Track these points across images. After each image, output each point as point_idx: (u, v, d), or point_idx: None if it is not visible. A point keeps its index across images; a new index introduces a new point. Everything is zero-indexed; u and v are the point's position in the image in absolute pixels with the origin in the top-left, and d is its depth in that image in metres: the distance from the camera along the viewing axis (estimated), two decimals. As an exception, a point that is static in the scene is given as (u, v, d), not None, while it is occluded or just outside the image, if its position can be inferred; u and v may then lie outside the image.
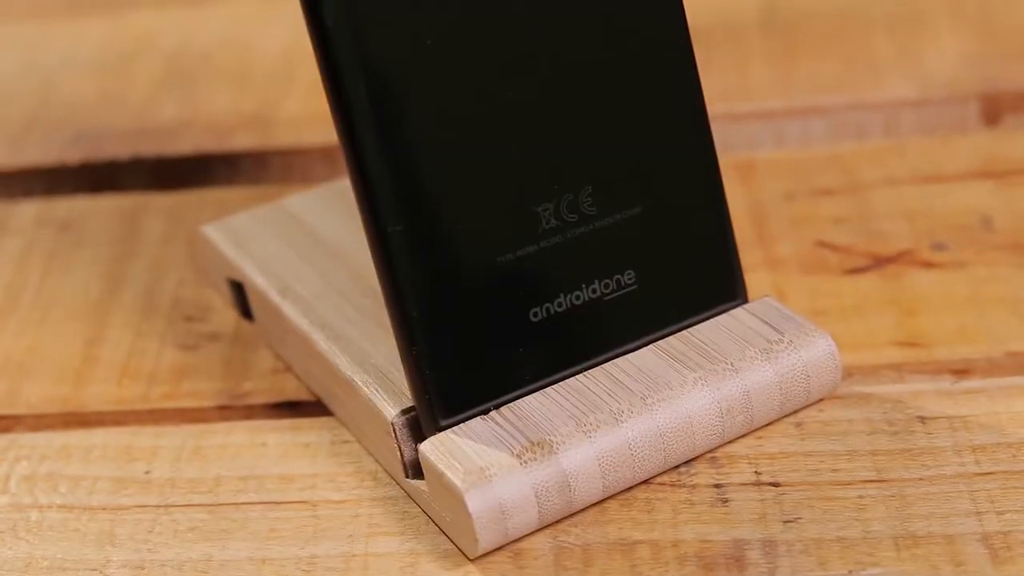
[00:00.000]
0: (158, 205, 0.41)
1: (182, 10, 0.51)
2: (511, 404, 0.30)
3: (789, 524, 0.29)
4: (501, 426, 0.29)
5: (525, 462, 0.29)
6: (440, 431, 0.29)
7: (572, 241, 0.30)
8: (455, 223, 0.29)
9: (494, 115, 0.29)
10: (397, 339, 0.29)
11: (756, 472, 0.30)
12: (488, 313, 0.30)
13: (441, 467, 0.29)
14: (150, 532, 0.31)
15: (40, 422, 0.34)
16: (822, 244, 0.37)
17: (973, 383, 0.32)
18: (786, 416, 0.31)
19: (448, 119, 0.29)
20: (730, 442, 0.31)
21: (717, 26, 0.46)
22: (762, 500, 0.30)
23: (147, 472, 0.32)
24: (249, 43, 0.48)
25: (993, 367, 0.33)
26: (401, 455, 0.30)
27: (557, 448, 0.29)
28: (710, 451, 0.31)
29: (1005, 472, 0.30)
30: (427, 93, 0.29)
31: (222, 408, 0.34)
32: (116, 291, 0.38)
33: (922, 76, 0.43)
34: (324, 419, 0.33)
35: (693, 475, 0.30)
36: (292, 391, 0.34)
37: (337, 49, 0.28)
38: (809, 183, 0.39)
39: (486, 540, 0.28)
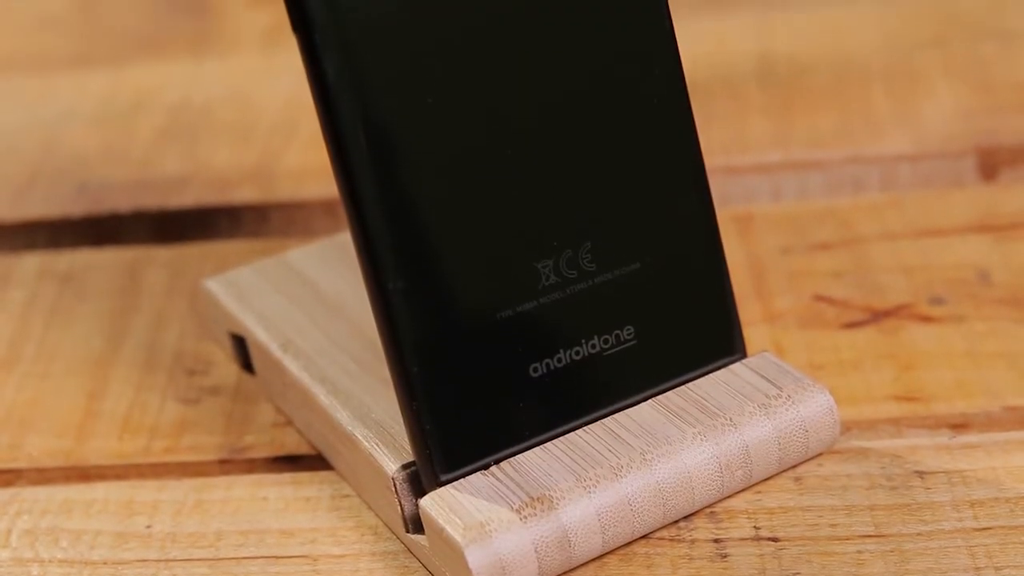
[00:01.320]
0: (160, 258, 0.41)
1: (184, 63, 0.51)
2: (511, 459, 0.30)
3: (788, 580, 0.29)
4: (501, 481, 0.29)
5: (525, 517, 0.29)
6: (440, 486, 0.29)
7: (572, 297, 0.31)
8: (456, 280, 0.29)
9: (494, 172, 0.30)
10: (398, 394, 0.29)
11: (755, 527, 0.30)
12: (488, 368, 0.30)
13: (441, 522, 0.29)
14: (151, 587, 0.31)
15: (42, 476, 0.34)
16: (820, 298, 0.37)
17: (971, 438, 0.32)
18: (785, 471, 0.32)
19: (449, 176, 0.29)
20: (729, 497, 0.31)
21: (716, 80, 0.46)
22: (761, 555, 0.30)
23: (148, 526, 0.32)
24: (251, 96, 0.49)
25: (991, 422, 0.33)
26: (401, 510, 0.30)
27: (557, 503, 0.29)
28: (709, 506, 0.31)
29: (1003, 527, 0.30)
30: (428, 150, 0.29)
31: (223, 462, 0.34)
32: (118, 344, 0.38)
33: (919, 130, 0.43)
34: (325, 473, 0.33)
35: (692, 530, 0.30)
36: (293, 445, 0.34)
37: (338, 104, 0.28)
38: (807, 237, 0.39)
39: (486, 596, 0.28)
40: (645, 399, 0.31)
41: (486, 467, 0.30)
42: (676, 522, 0.31)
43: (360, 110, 0.28)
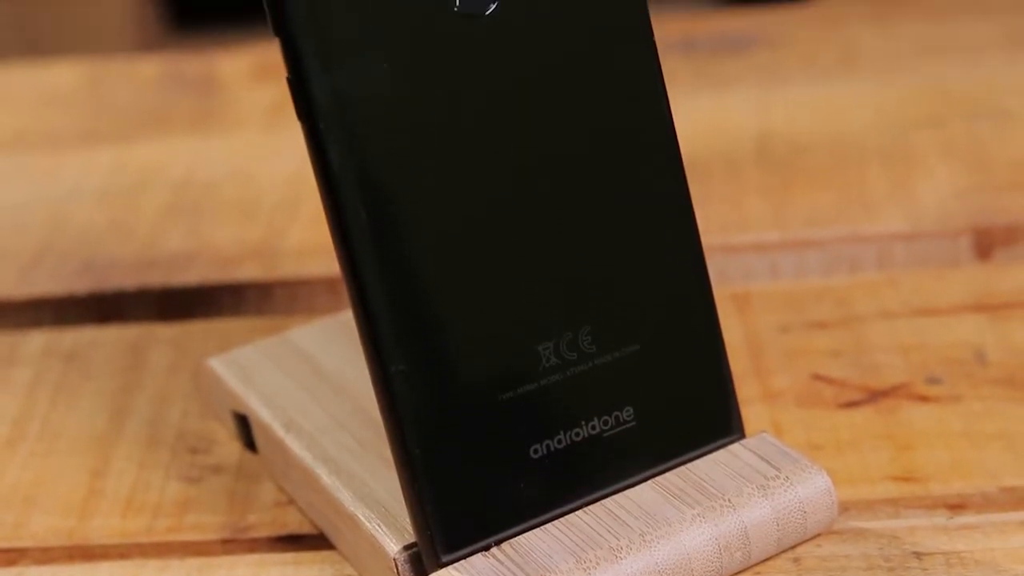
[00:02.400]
0: (163, 336, 0.42)
1: (189, 140, 0.52)
2: (511, 540, 0.30)
3: (787, 662, 0.29)
4: (502, 562, 0.30)
5: (525, 599, 0.29)
6: (442, 567, 0.30)
7: (572, 379, 0.31)
8: (458, 362, 0.30)
9: (496, 255, 0.30)
10: (399, 475, 0.30)
11: (754, 608, 0.31)
12: (489, 450, 0.30)
13: (442, 604, 0.29)
14: (152, 668, 0.31)
15: (46, 555, 0.34)
16: (818, 377, 0.37)
17: (968, 518, 0.32)
18: (784, 552, 0.32)
19: (450, 259, 0.30)
20: (728, 578, 0.31)
21: (714, 158, 0.47)
22: (761, 637, 0.30)
23: (150, 606, 0.32)
24: (254, 173, 0.49)
25: (988, 502, 0.33)
26: (403, 591, 0.30)
27: (557, 585, 0.29)
28: (709, 587, 0.31)
29: (1001, 609, 0.30)
30: (430, 233, 0.29)
31: (225, 541, 0.34)
32: (121, 423, 0.38)
33: (915, 209, 0.43)
34: (327, 552, 0.33)
35: (692, 611, 0.31)
36: (295, 524, 0.34)
37: (342, 190, 0.29)
38: (804, 315, 0.40)
39: (487, 678, 0.29)
40: (644, 480, 0.31)
41: (487, 548, 0.30)
42: (676, 603, 0.31)
43: (363, 195, 0.29)
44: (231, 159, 0.50)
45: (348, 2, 0.28)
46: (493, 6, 0.29)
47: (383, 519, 0.31)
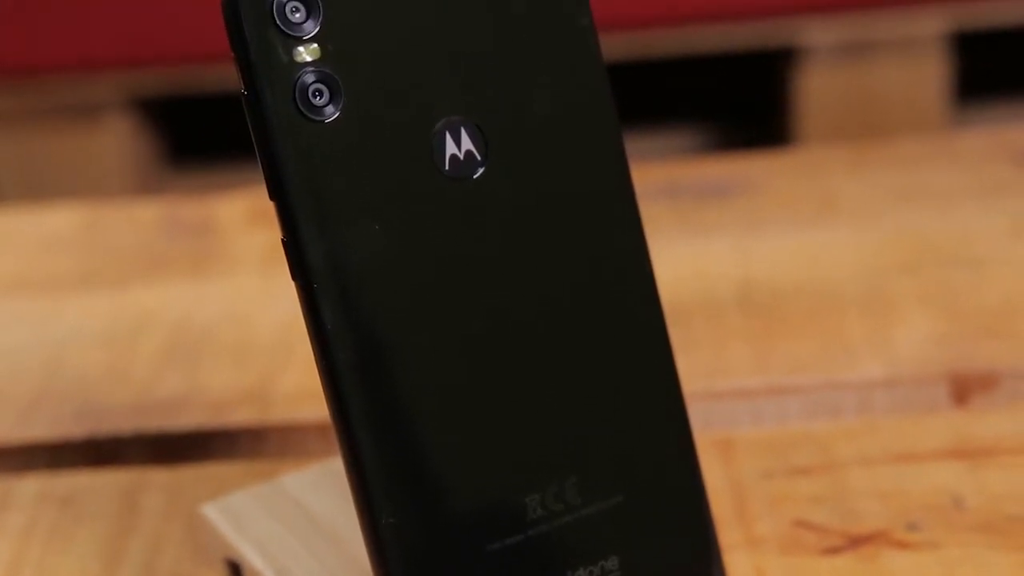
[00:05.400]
0: (158, 481, 0.42)
1: (186, 284, 0.53)
2: None
3: None
4: None
5: None
6: None
7: (558, 529, 0.32)
8: (447, 514, 0.31)
9: (483, 411, 0.31)
10: (389, 625, 0.30)
11: None
12: (477, 600, 0.31)
13: None
14: None
15: None
16: (800, 523, 0.38)
17: (948, 667, 0.33)
18: None
19: (440, 413, 0.31)
20: None
21: (696, 305, 0.48)
22: None
23: None
24: (249, 317, 0.50)
25: (967, 650, 0.34)
26: None
27: None
28: None
29: None
30: (421, 388, 0.30)
31: None
32: (115, 568, 0.39)
33: (892, 356, 0.45)
34: None
35: None
36: (285, 672, 0.35)
37: (335, 346, 0.30)
38: (786, 461, 0.41)
39: None
40: (629, 629, 0.32)
41: None
42: None
43: (355, 354, 0.30)
44: (227, 303, 0.51)
45: (341, 168, 0.30)
46: (481, 171, 0.31)
47: (372, 669, 0.32)
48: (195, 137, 1.04)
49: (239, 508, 0.38)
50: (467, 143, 0.31)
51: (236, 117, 0.30)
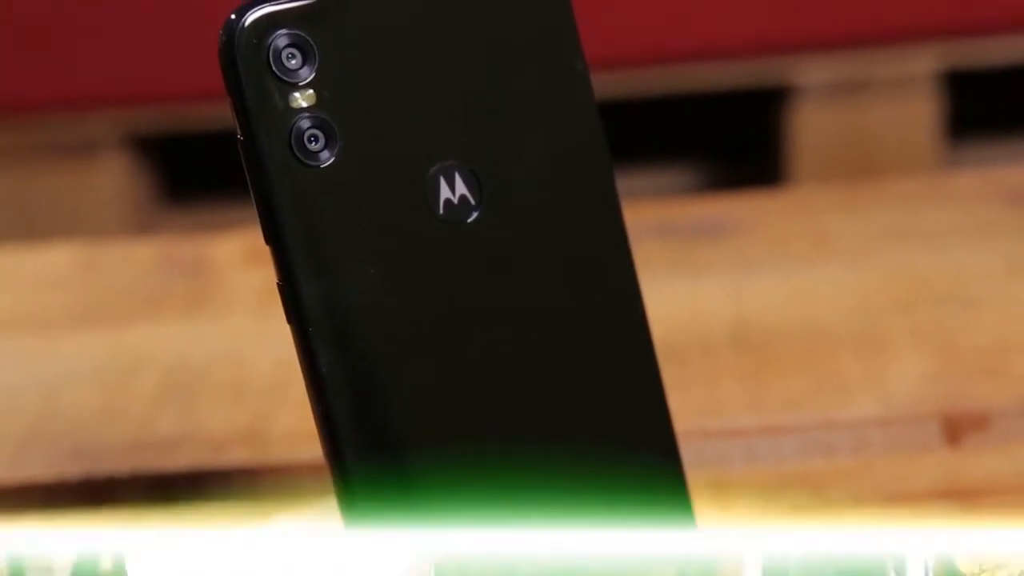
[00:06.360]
0: (153, 521, 0.42)
1: (181, 323, 0.53)
2: None
3: None
4: None
5: None
6: None
7: None
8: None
9: (483, 456, 0.31)
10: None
11: None
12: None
13: None
14: None
15: None
16: (794, 564, 0.38)
17: None
18: None
19: (437, 458, 0.31)
20: None
21: (690, 344, 0.48)
22: None
23: None
24: (244, 357, 0.50)
25: None
26: None
27: None
28: None
29: None
30: (417, 433, 0.31)
31: None
32: (110, 609, 0.39)
33: (886, 395, 0.45)
34: None
35: None
36: None
37: (331, 392, 0.30)
38: (781, 501, 0.41)
39: None
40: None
41: None
42: None
43: (352, 399, 0.30)
44: (223, 342, 0.51)
45: (337, 213, 0.30)
46: (475, 215, 0.31)
47: None
48: (192, 174, 1.04)
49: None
50: (461, 187, 0.31)
51: (233, 154, 0.30)
